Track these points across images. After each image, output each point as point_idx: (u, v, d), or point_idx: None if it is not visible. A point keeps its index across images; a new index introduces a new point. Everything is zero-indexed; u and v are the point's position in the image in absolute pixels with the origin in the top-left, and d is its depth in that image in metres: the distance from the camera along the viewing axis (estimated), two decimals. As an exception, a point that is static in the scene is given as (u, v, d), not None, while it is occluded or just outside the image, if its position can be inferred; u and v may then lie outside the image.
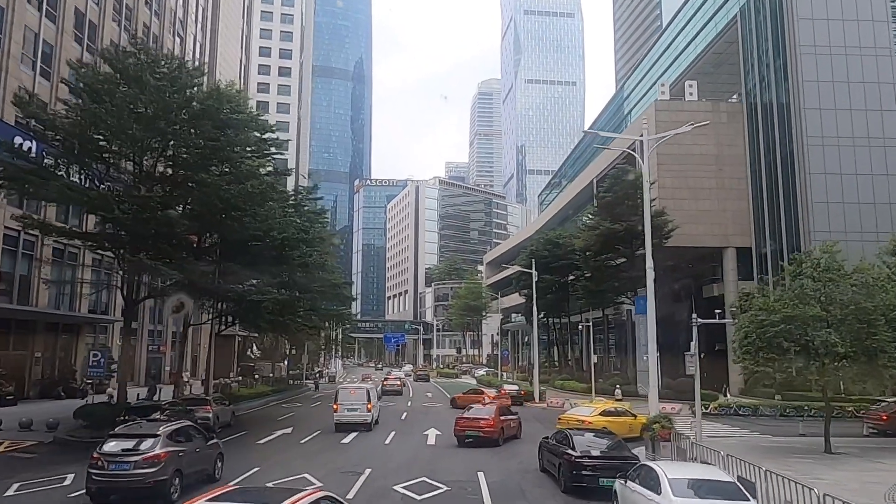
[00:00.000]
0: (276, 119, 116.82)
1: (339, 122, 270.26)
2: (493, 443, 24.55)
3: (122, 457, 14.55)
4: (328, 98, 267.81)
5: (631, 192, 52.06)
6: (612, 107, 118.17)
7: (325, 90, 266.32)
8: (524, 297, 69.82)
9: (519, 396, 45.70)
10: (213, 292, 28.24)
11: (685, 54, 75.42)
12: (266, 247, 28.84)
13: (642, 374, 49.61)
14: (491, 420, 25.04)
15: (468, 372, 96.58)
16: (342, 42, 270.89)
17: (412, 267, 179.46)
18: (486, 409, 26.93)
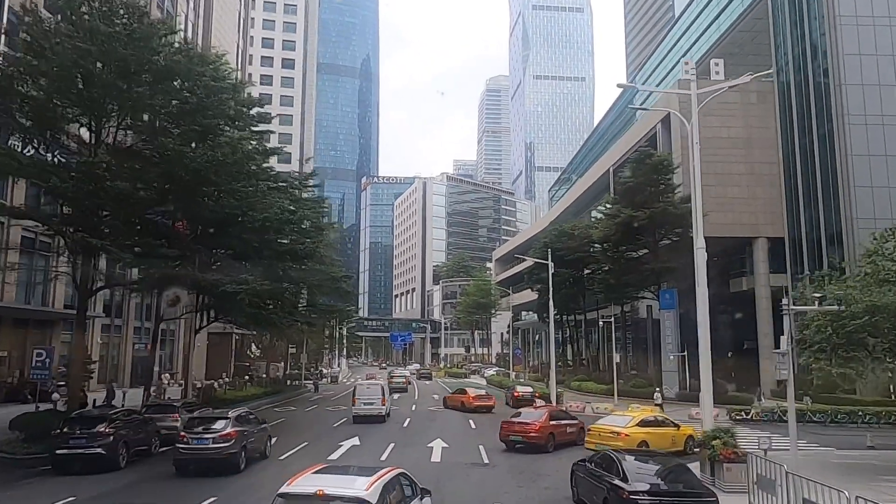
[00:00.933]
0: (278, 111, 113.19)
1: (347, 120, 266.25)
2: (542, 449, 22.80)
3: (203, 434, 18.11)
4: (335, 96, 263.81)
5: (653, 178, 47.69)
6: (623, 101, 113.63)
7: (332, 88, 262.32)
8: (537, 293, 65.27)
9: (533, 399, 41.28)
10: (182, 281, 23.93)
11: (705, 36, 70.77)
12: (244, 229, 24.53)
13: (668, 376, 45.12)
14: (537, 425, 23.26)
15: (477, 372, 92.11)
16: (349, 39, 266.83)
17: (419, 264, 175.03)
18: (535, 413, 25.26)
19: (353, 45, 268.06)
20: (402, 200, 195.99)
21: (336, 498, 8.74)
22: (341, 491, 8.92)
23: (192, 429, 18.40)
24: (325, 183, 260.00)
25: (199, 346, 59.42)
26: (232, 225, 24.44)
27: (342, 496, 8.78)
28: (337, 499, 8.74)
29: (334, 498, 8.74)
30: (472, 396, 38.50)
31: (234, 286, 22.91)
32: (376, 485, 9.13)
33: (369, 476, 9.48)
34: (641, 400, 44.71)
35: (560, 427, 24.19)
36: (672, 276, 49.04)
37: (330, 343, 78.17)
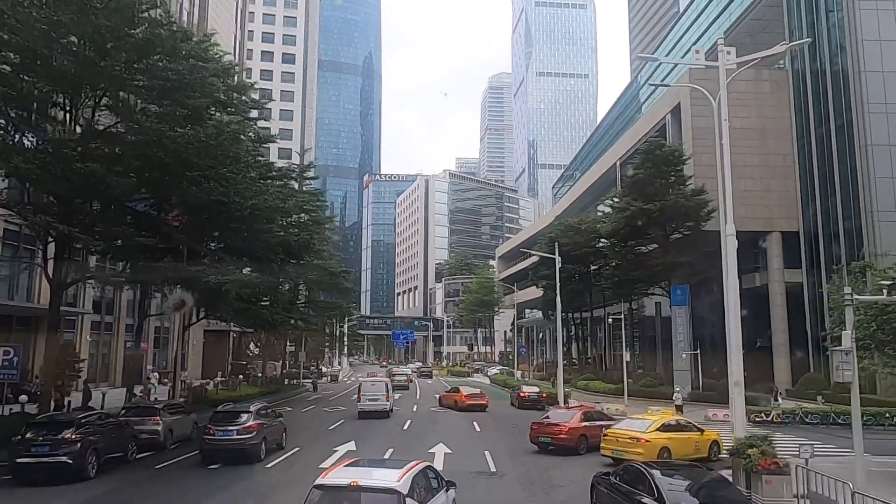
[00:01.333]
0: (279, 108, 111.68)
1: (349, 118, 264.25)
2: (573, 451, 21.88)
3: (227, 426, 19.43)
4: (337, 93, 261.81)
5: (664, 169, 45.73)
6: (627, 97, 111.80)
7: (334, 85, 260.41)
8: (542, 289, 63.45)
9: (540, 399, 39.43)
10: (163, 274, 22.02)
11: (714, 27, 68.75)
12: (231, 218, 22.65)
13: (680, 375, 43.17)
14: (567, 427, 22.32)
15: (480, 370, 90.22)
16: (351, 37, 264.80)
17: (422, 262, 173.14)
18: (566, 413, 24.36)
19: (356, 42, 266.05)
20: (404, 198, 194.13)
21: (369, 489, 9.24)
22: (374, 482, 9.42)
23: (218, 422, 19.72)
24: (326, 180, 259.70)
25: (195, 344, 57.71)
26: (218, 214, 22.55)
27: (375, 487, 9.27)
28: (370, 490, 9.24)
29: (368, 489, 9.22)
30: (464, 395, 38.06)
31: (219, 278, 20.99)
32: (406, 476, 9.49)
33: (399, 468, 9.84)
34: (652, 400, 42.85)
35: (594, 429, 22.56)
36: (683, 272, 47.15)
37: (330, 341, 76.32)
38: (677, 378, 43.44)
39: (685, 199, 43.59)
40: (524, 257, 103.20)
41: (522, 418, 33.98)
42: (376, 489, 9.21)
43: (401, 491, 8.98)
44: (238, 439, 19.09)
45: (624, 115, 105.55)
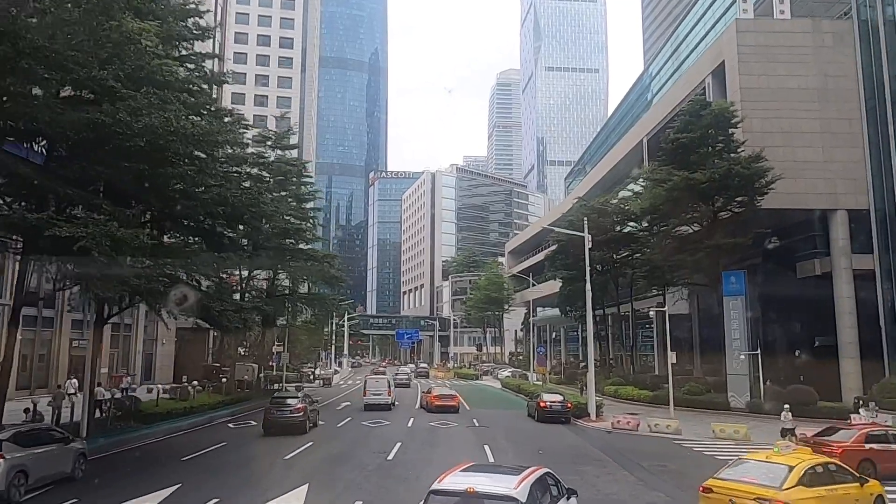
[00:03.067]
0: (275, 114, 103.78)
1: (355, 115, 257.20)
2: None
3: (283, 408, 26.68)
4: (342, 90, 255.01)
5: (711, 133, 37.60)
6: (639, 88, 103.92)
7: (339, 82, 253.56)
8: (561, 281, 55.26)
9: (565, 411, 31.31)
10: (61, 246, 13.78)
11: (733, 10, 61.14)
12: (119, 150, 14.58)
13: (735, 380, 35.00)
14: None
15: (490, 373, 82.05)
16: (357, 33, 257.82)
17: (428, 260, 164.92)
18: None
19: (361, 38, 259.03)
20: (409, 193, 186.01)
21: (487, 496, 8.86)
22: (491, 489, 9.01)
23: (277, 404, 27.00)
24: (332, 179, 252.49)
25: (164, 343, 49.87)
26: (104, 142, 14.60)
27: (492, 494, 8.88)
28: (487, 496, 8.85)
29: (485, 496, 8.83)
30: (434, 396, 36.54)
31: (76, 229, 12.82)
32: (525, 483, 9.19)
33: (517, 475, 9.54)
34: (702, 411, 34.76)
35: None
36: (736, 256, 39.01)
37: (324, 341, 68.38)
38: (732, 384, 35.28)
39: (741, 167, 35.36)
40: (535, 251, 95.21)
41: (547, 436, 25.91)
42: (494, 496, 8.77)
43: (518, 498, 8.66)
44: (291, 417, 26.09)
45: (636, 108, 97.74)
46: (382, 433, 26.29)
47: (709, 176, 35.19)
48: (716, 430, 25.89)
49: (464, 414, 34.52)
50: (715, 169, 35.44)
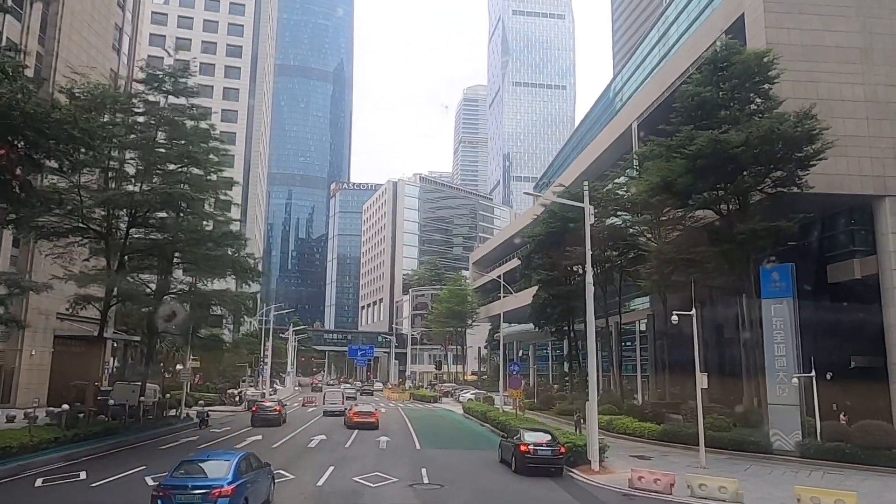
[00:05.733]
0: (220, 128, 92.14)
1: (318, 126, 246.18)
2: None
3: (267, 407, 37.33)
4: (306, 100, 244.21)
5: (745, 86, 28.42)
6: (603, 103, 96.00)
7: (302, 92, 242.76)
8: (538, 285, 45.34)
9: (557, 458, 21.13)
10: None
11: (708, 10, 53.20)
12: None
13: (780, 412, 25.34)
14: None
15: (451, 394, 71.57)
16: (321, 42, 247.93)
17: (388, 273, 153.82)
18: None
19: (326, 48, 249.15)
20: (370, 204, 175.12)
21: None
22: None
23: (261, 405, 38.15)
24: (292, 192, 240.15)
25: (34, 355, 38.27)
26: None
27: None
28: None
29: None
30: (353, 413, 36.71)
31: None
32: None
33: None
34: (730, 455, 25.11)
35: None
36: (767, 251, 29.72)
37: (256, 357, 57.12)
38: (776, 417, 25.56)
39: (789, 126, 26.06)
40: (503, 261, 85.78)
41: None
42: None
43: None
44: (273, 414, 36.38)
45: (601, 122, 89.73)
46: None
47: (745, 138, 25.76)
48: (803, 499, 16.00)
49: (410, 458, 24.09)
50: (752, 129, 26.04)
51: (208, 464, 13.59)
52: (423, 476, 19.90)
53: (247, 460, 14.06)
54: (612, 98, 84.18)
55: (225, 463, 13.38)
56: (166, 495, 12.47)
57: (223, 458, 13.92)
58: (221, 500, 12.48)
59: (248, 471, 13.77)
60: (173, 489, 12.58)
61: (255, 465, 14.63)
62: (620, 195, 37.73)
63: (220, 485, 12.64)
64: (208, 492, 12.39)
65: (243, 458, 13.90)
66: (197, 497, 12.39)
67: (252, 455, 15.03)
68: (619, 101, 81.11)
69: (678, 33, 62.95)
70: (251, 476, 13.87)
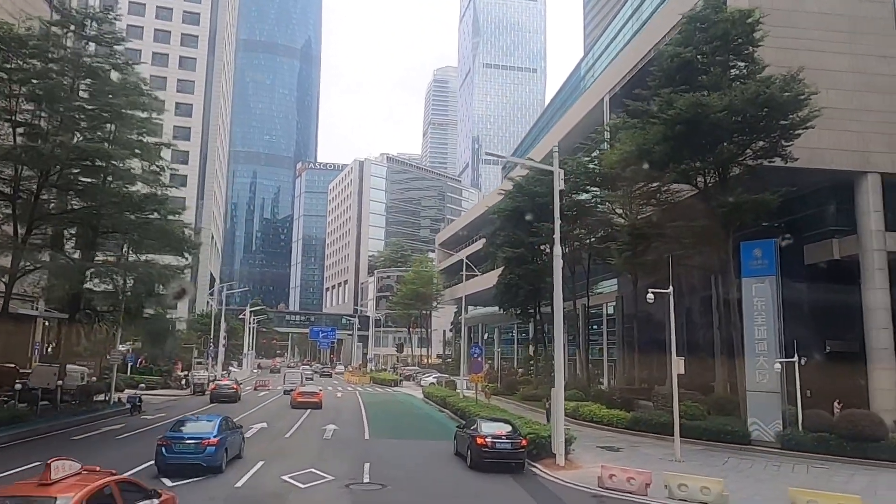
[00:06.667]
0: (175, 100, 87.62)
1: (284, 104, 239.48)
2: None
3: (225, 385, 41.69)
4: (272, 77, 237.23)
5: (728, 47, 26.13)
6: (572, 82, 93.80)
7: (268, 68, 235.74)
8: (504, 261, 42.89)
9: (517, 450, 18.66)
10: None
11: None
12: None
13: (759, 401, 23.34)
14: None
15: (413, 377, 69.14)
16: (289, 18, 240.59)
17: (353, 254, 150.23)
18: None
19: (294, 24, 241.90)
20: (336, 183, 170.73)
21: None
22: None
23: (219, 383, 41.72)
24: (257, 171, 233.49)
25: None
26: None
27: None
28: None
29: None
30: (297, 393, 38.54)
31: None
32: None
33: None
34: (705, 446, 23.15)
35: None
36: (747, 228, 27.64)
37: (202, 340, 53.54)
38: (755, 405, 23.52)
39: (776, 89, 23.80)
40: (469, 243, 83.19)
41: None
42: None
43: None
44: (230, 391, 39.55)
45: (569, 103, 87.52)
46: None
47: (728, 101, 23.42)
48: (798, 502, 13.78)
49: (355, 451, 21.43)
50: (736, 93, 23.73)
51: (199, 423, 17.56)
52: (364, 473, 17.25)
53: (226, 421, 18.13)
54: (582, 75, 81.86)
55: (211, 422, 17.30)
56: (167, 444, 16.07)
57: (210, 419, 17.83)
58: (209, 448, 16.23)
59: (227, 429, 17.70)
60: (173, 440, 16.22)
61: (232, 426, 18.71)
62: (592, 168, 35.30)
63: (209, 437, 16.43)
64: (200, 441, 16.15)
65: (224, 419, 18.02)
66: (191, 445, 16.09)
67: (229, 418, 19.23)
68: (590, 79, 78.78)
69: (652, 6, 60.56)
70: (229, 433, 17.76)
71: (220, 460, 16.38)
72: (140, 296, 32.19)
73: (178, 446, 15.88)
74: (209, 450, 15.99)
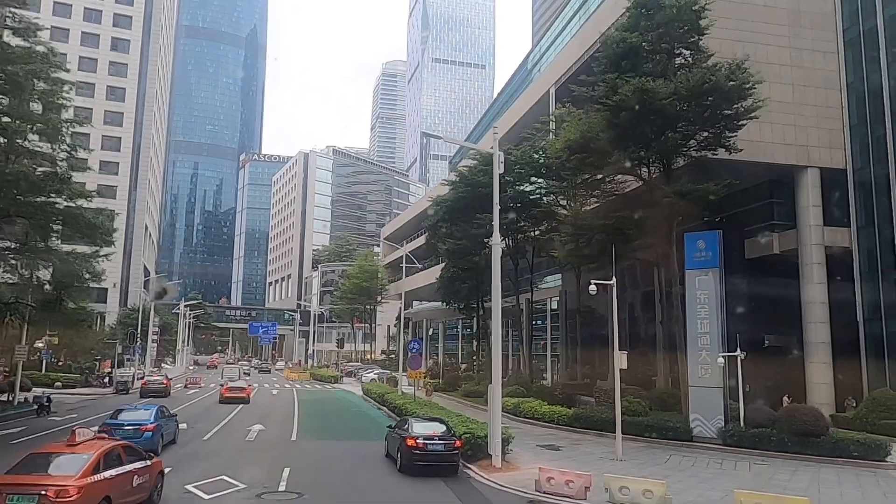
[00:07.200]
0: (106, 84, 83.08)
1: (228, 93, 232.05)
2: None
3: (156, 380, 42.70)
4: (215, 65, 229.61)
5: (674, 35, 25.39)
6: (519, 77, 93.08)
7: (211, 56, 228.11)
8: (445, 255, 41.62)
9: (451, 452, 17.30)
10: None
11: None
12: None
13: (701, 396, 22.71)
14: None
15: (354, 374, 67.23)
16: (234, 5, 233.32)
17: (297, 247, 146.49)
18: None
19: (238, 11, 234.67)
20: (280, 175, 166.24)
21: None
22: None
23: (150, 378, 42.55)
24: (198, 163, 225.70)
25: None
26: None
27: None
28: None
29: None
30: (225, 389, 38.03)
31: None
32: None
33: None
34: (647, 443, 22.48)
35: None
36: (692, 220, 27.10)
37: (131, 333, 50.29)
38: (697, 401, 22.85)
39: (722, 77, 23.15)
40: (414, 237, 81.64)
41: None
42: None
43: None
44: (160, 386, 39.95)
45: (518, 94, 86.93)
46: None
47: (673, 88, 22.65)
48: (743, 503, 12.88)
49: (277, 454, 19.70)
50: (682, 80, 22.99)
51: (137, 411, 19.56)
52: (281, 480, 15.58)
53: (161, 410, 20.04)
54: (529, 69, 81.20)
55: (148, 410, 19.33)
56: (108, 430, 17.06)
57: (147, 408, 19.84)
58: (146, 433, 17.86)
59: (162, 417, 19.66)
60: (113, 426, 17.65)
61: (167, 414, 20.76)
62: (536, 158, 34.31)
63: (146, 423, 18.28)
64: (138, 427, 17.85)
65: (160, 408, 20.00)
66: (130, 431, 17.40)
67: (165, 407, 21.31)
68: (537, 72, 78.26)
69: (599, 0, 60.24)
70: (164, 421, 19.79)
71: (156, 444, 18.00)
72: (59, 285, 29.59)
73: (117, 432, 17.04)
74: (146, 434, 17.71)
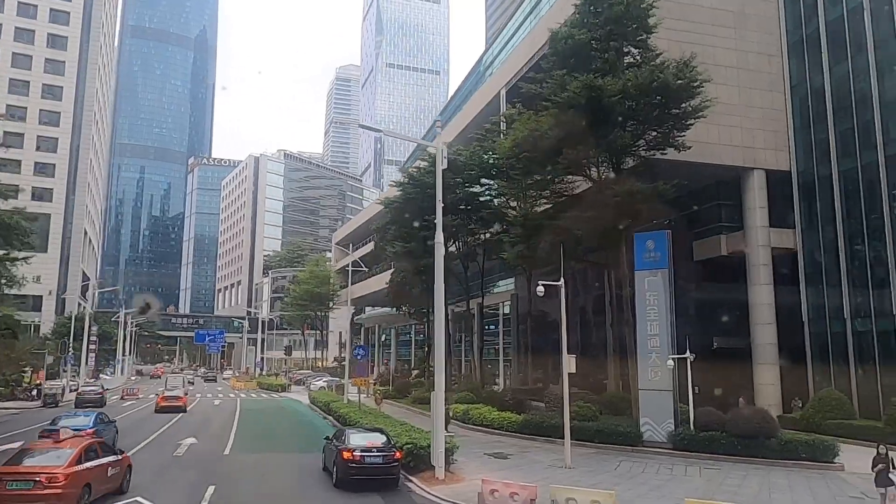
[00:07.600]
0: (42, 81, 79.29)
1: (176, 96, 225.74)
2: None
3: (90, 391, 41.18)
4: (163, 67, 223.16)
5: (621, 32, 24.96)
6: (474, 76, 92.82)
7: (159, 57, 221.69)
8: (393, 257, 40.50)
9: (391, 464, 16.17)
10: None
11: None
12: None
13: (651, 400, 22.22)
14: None
15: (303, 382, 65.27)
16: (182, 5, 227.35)
17: (247, 253, 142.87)
18: None
19: (188, 12, 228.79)
20: (230, 179, 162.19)
21: None
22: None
23: (84, 389, 41.58)
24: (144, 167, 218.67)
25: None
26: None
27: None
28: None
29: None
30: (161, 398, 37.73)
31: None
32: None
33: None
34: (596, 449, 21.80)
35: None
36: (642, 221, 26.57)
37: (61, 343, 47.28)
38: (647, 405, 22.29)
39: (670, 74, 22.79)
40: (366, 241, 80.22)
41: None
42: None
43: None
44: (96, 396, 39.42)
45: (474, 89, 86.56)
46: None
47: (622, 85, 22.16)
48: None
49: (204, 470, 18.26)
50: (630, 78, 22.52)
51: (77, 417, 20.91)
52: (203, 499, 14.22)
53: (101, 416, 21.42)
54: (482, 73, 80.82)
55: (88, 417, 20.82)
56: (48, 435, 16.78)
57: (86, 414, 21.62)
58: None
59: (101, 423, 20.71)
60: (52, 433, 16.55)
61: (107, 420, 21.88)
62: (486, 159, 33.55)
63: (86, 427, 19.31)
64: (80, 431, 18.00)
65: (99, 414, 21.73)
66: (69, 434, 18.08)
67: (105, 413, 22.92)
68: (489, 76, 78.06)
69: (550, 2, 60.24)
70: (104, 426, 20.87)
71: None
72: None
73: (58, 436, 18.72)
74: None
